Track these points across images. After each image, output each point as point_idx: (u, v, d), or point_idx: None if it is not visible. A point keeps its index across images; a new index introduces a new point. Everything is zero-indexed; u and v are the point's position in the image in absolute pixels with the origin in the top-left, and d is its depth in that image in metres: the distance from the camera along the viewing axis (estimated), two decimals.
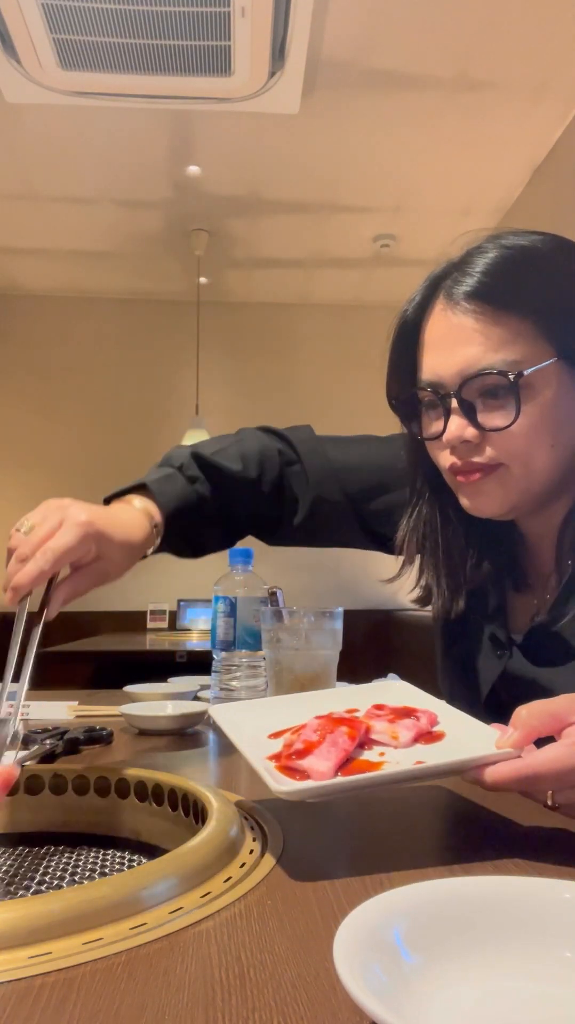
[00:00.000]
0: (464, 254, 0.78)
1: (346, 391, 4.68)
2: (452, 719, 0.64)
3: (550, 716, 0.54)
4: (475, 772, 0.53)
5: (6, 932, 0.40)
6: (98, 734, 0.91)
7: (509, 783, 0.52)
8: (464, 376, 0.74)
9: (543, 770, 0.52)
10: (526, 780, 0.52)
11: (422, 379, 0.79)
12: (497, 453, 0.75)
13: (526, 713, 0.55)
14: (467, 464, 0.76)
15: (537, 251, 0.77)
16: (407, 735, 0.61)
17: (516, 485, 0.76)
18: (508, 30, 2.56)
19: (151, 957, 0.40)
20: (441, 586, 0.86)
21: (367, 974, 0.32)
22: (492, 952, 0.37)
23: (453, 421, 0.75)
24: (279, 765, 0.57)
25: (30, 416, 4.68)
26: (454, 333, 0.75)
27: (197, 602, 4.38)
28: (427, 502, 0.87)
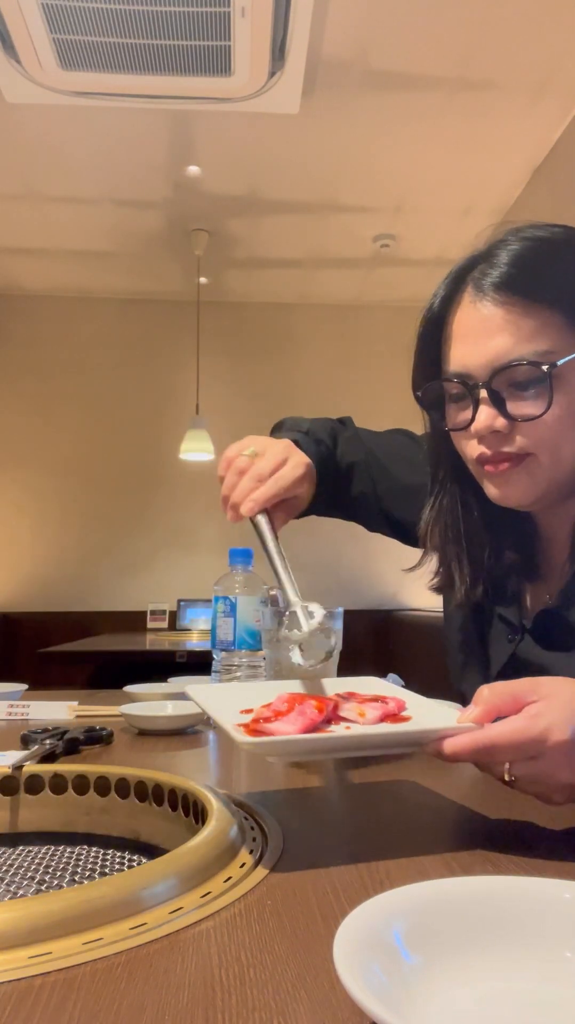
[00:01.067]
0: (489, 247, 0.79)
1: (346, 391, 4.68)
2: (420, 705, 0.66)
3: (511, 696, 0.56)
4: (435, 744, 0.55)
5: (6, 932, 0.40)
6: (98, 734, 0.91)
7: (467, 752, 0.54)
8: (494, 367, 0.75)
9: (500, 740, 0.53)
10: (483, 750, 0.54)
11: (450, 370, 0.80)
12: (527, 442, 0.76)
13: (488, 692, 0.57)
14: (497, 454, 0.77)
15: (559, 242, 0.78)
16: (374, 714, 0.63)
17: (544, 474, 0.77)
18: (508, 30, 2.56)
19: (151, 957, 0.40)
20: (463, 574, 0.87)
21: (367, 974, 0.32)
22: (492, 952, 0.37)
23: (482, 411, 0.76)
24: (247, 729, 0.59)
25: (30, 416, 4.68)
26: (484, 324, 0.76)
27: (197, 602, 4.38)
28: (449, 493, 0.88)
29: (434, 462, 0.90)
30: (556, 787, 0.55)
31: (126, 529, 4.66)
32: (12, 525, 4.62)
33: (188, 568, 4.57)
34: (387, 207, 3.76)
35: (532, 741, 0.53)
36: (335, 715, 0.63)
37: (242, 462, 0.89)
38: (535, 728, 0.53)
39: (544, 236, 0.78)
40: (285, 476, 0.87)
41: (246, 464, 0.89)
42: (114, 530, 4.66)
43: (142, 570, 4.64)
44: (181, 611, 4.40)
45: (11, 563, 4.62)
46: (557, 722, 0.53)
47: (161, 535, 4.65)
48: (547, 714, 0.53)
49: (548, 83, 2.82)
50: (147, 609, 4.42)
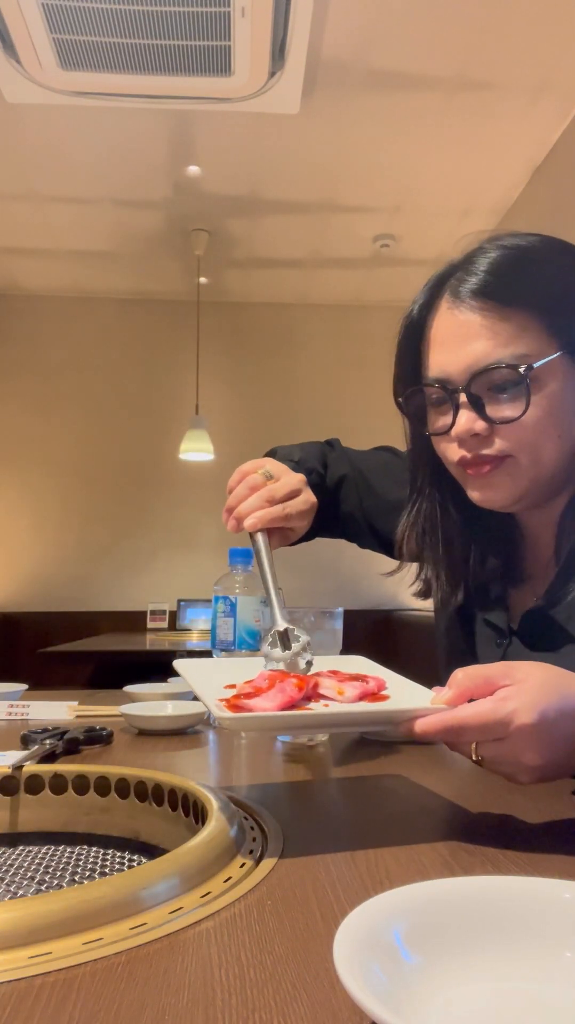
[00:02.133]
0: (466, 255, 0.81)
1: (346, 391, 4.68)
2: (400, 685, 0.68)
3: (484, 679, 0.58)
4: (407, 724, 0.57)
5: (6, 932, 0.40)
6: (98, 734, 0.91)
7: (436, 732, 0.56)
8: (473, 371, 0.76)
9: (469, 721, 0.55)
10: (452, 730, 0.56)
11: (429, 376, 0.81)
12: (506, 445, 0.77)
13: (462, 675, 0.58)
14: (477, 457, 0.78)
15: (536, 250, 0.80)
16: (353, 692, 0.65)
17: (525, 475, 0.79)
18: (508, 30, 2.56)
19: (151, 957, 0.40)
20: (441, 579, 0.89)
21: (367, 974, 0.32)
22: (492, 952, 0.37)
23: (462, 415, 0.78)
24: (227, 704, 0.60)
25: (30, 416, 4.68)
26: (462, 330, 0.77)
27: (197, 602, 4.38)
28: (427, 498, 0.90)
29: (413, 468, 0.91)
30: (521, 768, 0.57)
31: (126, 529, 4.66)
32: (12, 525, 4.62)
33: (188, 568, 4.57)
34: (387, 207, 3.76)
35: (498, 723, 0.55)
36: (315, 693, 0.65)
37: (256, 479, 0.90)
38: (502, 711, 0.55)
39: (522, 244, 0.80)
40: (294, 506, 0.89)
41: (259, 482, 0.90)
42: (114, 530, 4.66)
43: (142, 570, 4.64)
44: (181, 611, 4.40)
45: (11, 563, 4.62)
46: (524, 706, 0.55)
47: (161, 535, 4.66)
48: (515, 698, 0.55)
49: (548, 83, 2.82)
50: (147, 609, 4.42)
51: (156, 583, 4.60)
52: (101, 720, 1.05)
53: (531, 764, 0.56)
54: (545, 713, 0.54)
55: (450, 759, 0.82)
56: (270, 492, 0.89)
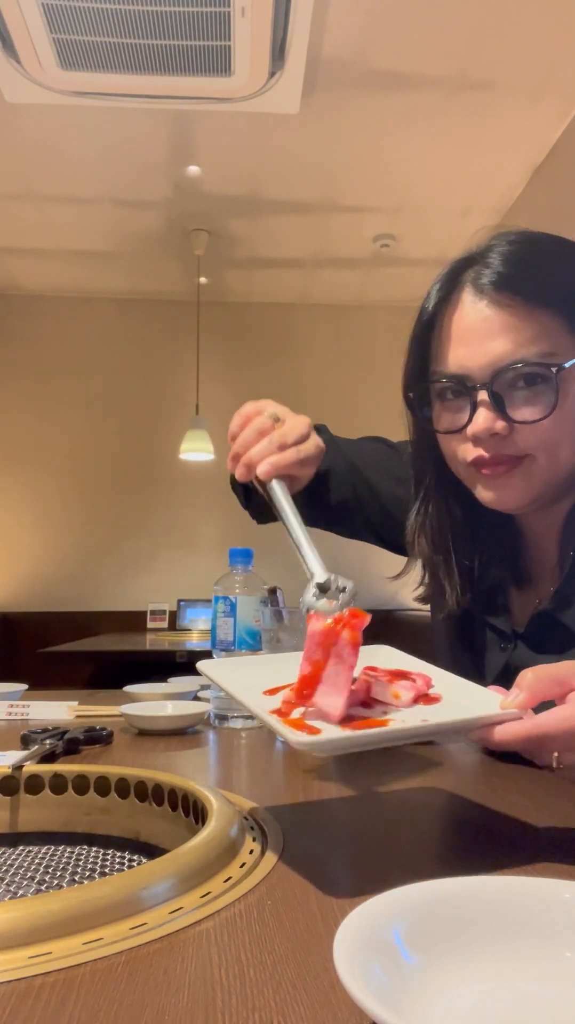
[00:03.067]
0: (482, 248, 0.79)
1: (346, 391, 4.68)
2: (446, 682, 0.64)
3: (554, 681, 0.55)
4: (483, 731, 0.54)
5: (6, 932, 0.40)
6: (98, 734, 0.91)
7: (518, 742, 0.53)
8: (496, 368, 0.74)
9: (553, 730, 0.52)
10: (536, 739, 0.52)
11: (446, 371, 0.78)
12: (527, 444, 0.75)
13: (532, 676, 0.55)
14: (495, 456, 0.76)
15: (549, 246, 0.79)
16: (408, 695, 0.61)
17: (541, 476, 0.77)
18: (508, 30, 2.56)
19: (151, 957, 0.40)
20: (452, 580, 0.86)
21: (367, 974, 0.32)
22: (492, 952, 0.37)
23: (481, 413, 0.75)
24: (286, 720, 0.55)
25: (30, 416, 4.68)
26: (484, 325, 0.75)
27: (197, 602, 4.38)
28: (435, 498, 0.87)
29: (419, 467, 0.88)
30: None
31: (126, 529, 4.66)
32: (12, 525, 4.62)
33: (188, 568, 4.57)
34: (387, 207, 3.76)
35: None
36: (370, 698, 0.60)
37: (263, 422, 0.85)
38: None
39: (534, 238, 0.79)
40: (306, 449, 0.84)
41: (267, 426, 0.85)
42: (114, 530, 4.66)
43: (142, 570, 4.64)
44: (181, 611, 4.40)
45: (11, 563, 4.61)
46: None
47: (161, 535, 4.66)
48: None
49: (548, 83, 2.82)
50: (147, 609, 4.42)
51: (156, 583, 4.60)
52: (101, 720, 1.05)
53: None
54: None
55: (450, 759, 0.82)
56: (282, 436, 0.83)
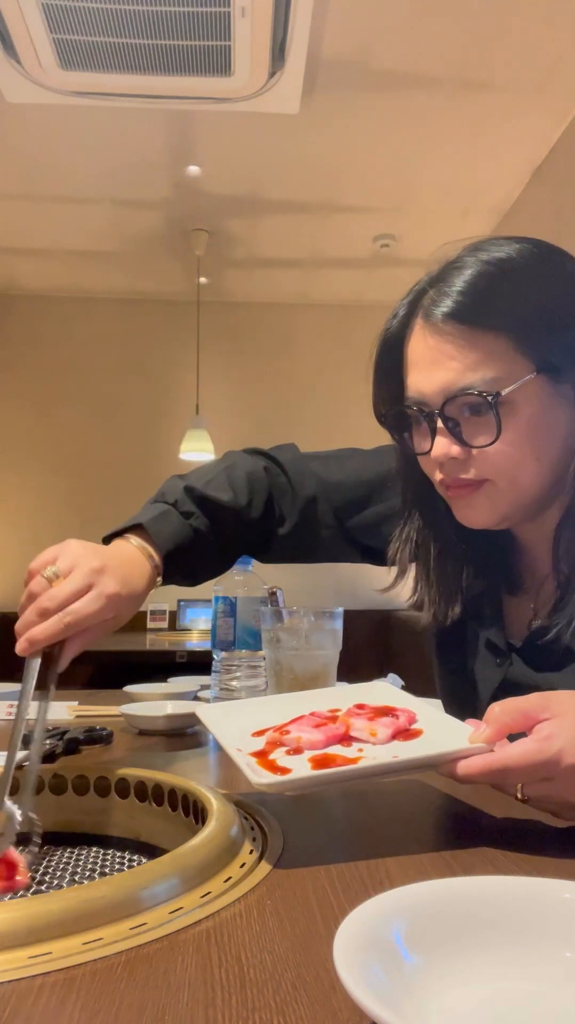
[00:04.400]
0: (442, 269, 0.78)
1: (345, 391, 4.67)
2: (430, 718, 0.66)
3: (521, 713, 0.56)
4: (450, 766, 0.56)
5: (6, 932, 0.40)
6: (98, 734, 0.91)
7: (481, 776, 0.54)
8: (446, 395, 0.75)
9: (513, 763, 0.54)
10: (497, 773, 0.54)
11: (408, 396, 0.80)
12: (482, 470, 0.76)
13: (499, 710, 0.57)
14: (454, 480, 0.77)
15: (515, 263, 0.76)
16: (385, 732, 0.63)
17: (503, 499, 0.77)
18: (508, 30, 2.56)
19: (151, 957, 0.40)
20: (434, 594, 0.87)
21: (367, 974, 0.32)
22: (492, 952, 0.37)
23: (438, 440, 0.76)
24: (261, 761, 0.59)
25: (30, 416, 4.68)
26: (432, 354, 0.76)
27: (197, 602, 4.38)
28: (419, 512, 0.88)
29: (404, 483, 0.89)
30: (568, 805, 0.56)
31: None
32: (12, 524, 4.62)
33: None
34: (387, 207, 3.76)
35: (545, 764, 0.53)
36: (347, 736, 0.64)
37: (37, 585, 0.76)
38: (548, 751, 0.53)
39: (501, 257, 0.76)
40: (77, 611, 0.73)
41: (40, 588, 0.75)
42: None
43: None
44: (181, 611, 4.40)
45: (11, 563, 4.61)
46: (570, 743, 0.53)
47: None
48: (560, 735, 0.53)
49: (548, 83, 2.82)
50: (147, 609, 4.42)
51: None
52: (101, 720, 1.05)
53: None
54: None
55: None
56: (42, 605, 0.73)
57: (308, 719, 0.66)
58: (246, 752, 0.61)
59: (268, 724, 0.66)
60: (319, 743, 0.62)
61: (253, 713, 0.70)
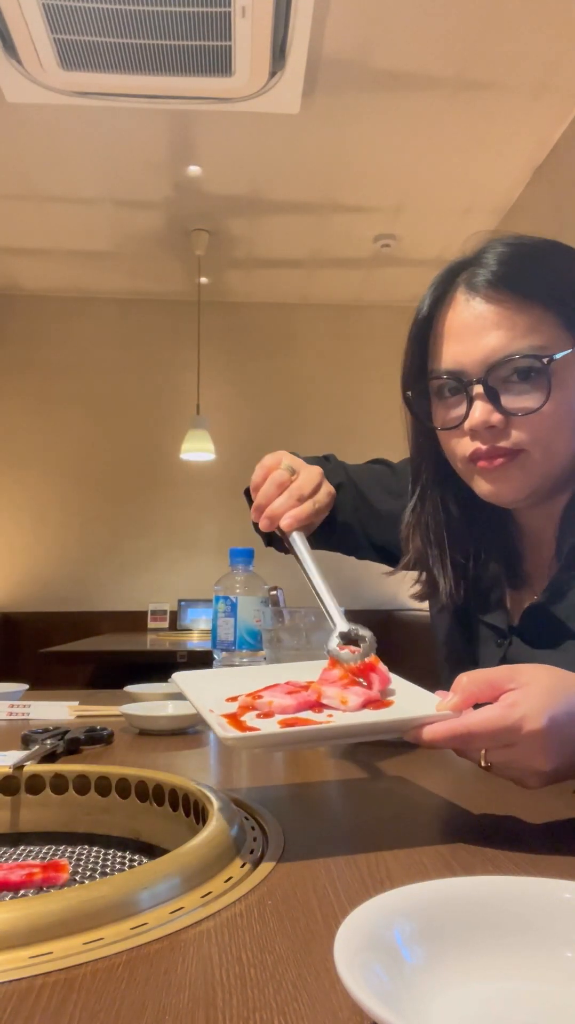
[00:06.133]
0: (479, 250, 0.81)
1: (346, 391, 4.68)
2: (403, 688, 0.67)
3: (488, 684, 0.57)
4: (416, 731, 0.57)
5: (7, 932, 0.40)
6: (99, 734, 0.91)
7: (445, 740, 0.56)
8: (490, 362, 0.76)
9: (476, 729, 0.55)
10: (460, 738, 0.55)
11: (442, 368, 0.80)
12: (521, 437, 0.77)
13: (466, 680, 0.58)
14: (491, 449, 0.78)
15: (544, 248, 0.80)
16: (356, 700, 0.64)
17: (537, 469, 0.78)
18: (508, 30, 2.56)
19: (152, 957, 0.40)
20: (446, 575, 0.88)
21: (368, 974, 0.32)
22: (493, 952, 0.37)
23: (477, 407, 0.77)
24: (231, 721, 0.60)
25: (30, 416, 4.68)
26: (478, 322, 0.77)
27: (198, 602, 4.38)
28: (431, 496, 0.89)
29: (416, 465, 0.91)
30: (531, 773, 0.57)
31: (127, 529, 4.66)
32: (13, 525, 4.62)
33: (189, 568, 4.57)
34: (388, 207, 3.76)
35: (507, 730, 0.54)
36: (317, 703, 0.64)
37: (282, 475, 0.90)
38: (510, 717, 0.54)
39: (528, 241, 0.81)
40: (320, 501, 0.89)
41: (285, 479, 0.89)
42: (115, 530, 4.66)
43: (143, 570, 4.64)
44: (182, 611, 4.40)
45: (12, 563, 4.61)
46: (532, 711, 0.54)
47: (162, 535, 4.66)
48: (523, 703, 0.55)
49: (549, 82, 2.82)
50: (148, 609, 4.42)
51: (157, 583, 4.60)
52: (102, 720, 1.05)
53: (541, 769, 0.56)
54: (554, 717, 0.54)
55: (450, 760, 0.82)
56: (299, 489, 0.88)
57: (282, 687, 0.67)
58: (218, 714, 0.62)
59: (243, 691, 0.67)
60: (290, 708, 0.63)
61: (230, 681, 0.72)
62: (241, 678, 0.72)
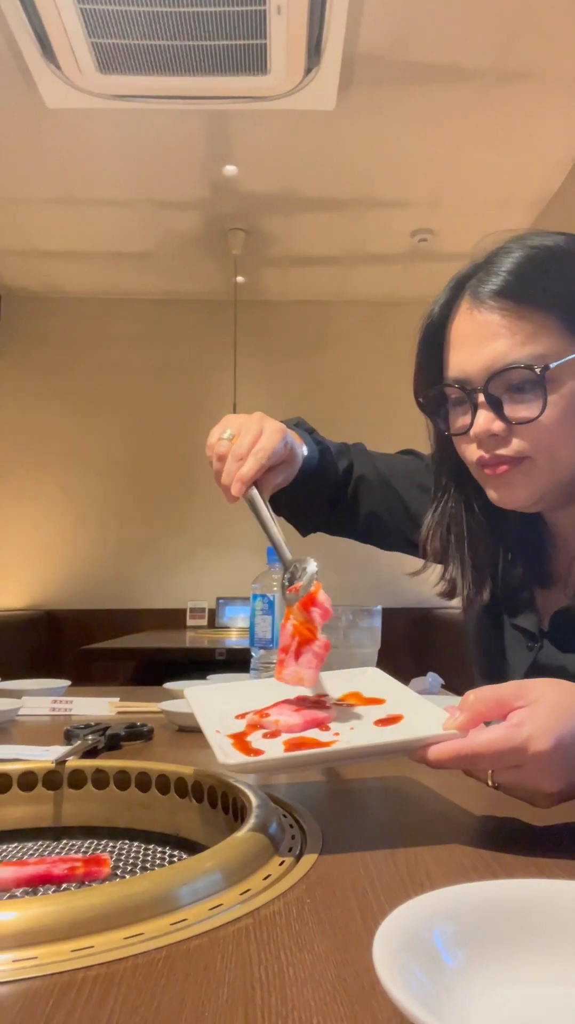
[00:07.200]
0: (489, 255, 0.81)
1: (383, 388, 4.65)
2: (413, 705, 0.67)
3: (495, 701, 0.56)
4: (422, 752, 0.56)
5: (50, 925, 0.41)
6: (139, 730, 0.92)
7: (450, 761, 0.55)
8: (491, 371, 0.76)
9: (482, 749, 0.54)
10: (466, 759, 0.54)
11: (449, 376, 0.81)
12: (523, 445, 0.77)
13: (473, 698, 0.57)
14: (494, 457, 0.78)
15: (562, 250, 0.79)
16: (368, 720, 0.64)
17: (542, 477, 0.78)
18: (548, 19, 2.51)
19: (191, 953, 0.40)
20: (466, 579, 0.88)
21: (407, 976, 0.31)
22: (535, 957, 0.36)
23: (480, 415, 0.77)
24: (236, 742, 0.60)
25: (70, 416, 4.75)
26: (480, 330, 0.77)
27: (236, 600, 4.40)
28: (452, 497, 0.89)
29: (437, 467, 0.91)
30: (539, 794, 0.56)
31: (165, 527, 4.70)
32: (54, 525, 4.70)
33: (226, 566, 4.59)
34: (425, 201, 3.72)
35: (513, 751, 0.53)
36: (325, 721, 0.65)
37: (222, 447, 0.89)
38: (517, 738, 0.53)
39: (547, 244, 0.79)
40: (264, 447, 0.87)
41: (223, 449, 0.89)
42: (153, 529, 4.70)
43: (181, 568, 4.68)
44: (220, 609, 4.42)
45: (54, 562, 4.69)
46: (539, 731, 0.53)
47: (199, 533, 4.69)
48: (530, 722, 0.53)
49: None
50: (186, 607, 4.45)
51: (195, 581, 4.63)
52: (142, 716, 1.06)
53: (548, 790, 0.55)
54: (561, 738, 0.52)
55: None
56: (238, 451, 0.87)
57: (289, 703, 0.67)
58: (224, 734, 0.62)
59: (252, 707, 0.67)
60: (296, 726, 0.62)
61: (240, 696, 0.72)
62: (251, 693, 0.72)
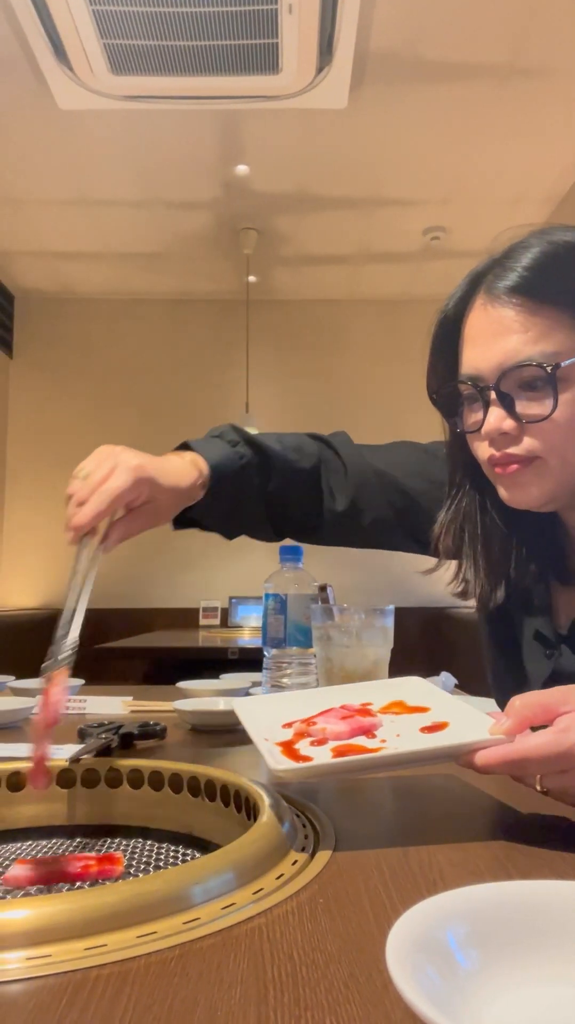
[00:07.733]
0: (507, 249, 0.79)
1: (396, 386, 4.64)
2: (456, 711, 0.67)
3: (542, 707, 0.56)
4: (468, 757, 0.56)
5: (63, 923, 0.41)
6: (152, 729, 0.92)
7: (498, 766, 0.55)
8: (503, 369, 0.75)
9: (531, 754, 0.54)
10: (514, 764, 0.55)
11: (462, 373, 0.80)
12: (534, 444, 0.76)
13: (519, 703, 0.57)
14: (505, 456, 0.77)
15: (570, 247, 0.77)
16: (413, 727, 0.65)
17: (553, 476, 0.77)
18: (558, 15, 2.49)
19: (204, 952, 0.40)
20: (479, 577, 0.87)
21: (420, 977, 0.31)
22: (550, 958, 0.36)
23: (492, 413, 0.76)
24: (285, 750, 0.61)
25: (83, 417, 4.77)
26: (494, 327, 0.76)
27: (248, 599, 4.40)
28: (466, 495, 0.88)
29: (451, 464, 0.89)
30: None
31: None
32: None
33: (239, 565, 4.60)
34: (437, 199, 3.71)
35: (560, 756, 0.53)
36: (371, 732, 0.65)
37: (73, 487, 0.83)
38: (565, 742, 0.53)
39: (567, 239, 0.77)
40: (108, 488, 0.81)
41: (76, 487, 0.83)
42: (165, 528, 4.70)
43: (194, 567, 4.69)
44: (233, 608, 4.43)
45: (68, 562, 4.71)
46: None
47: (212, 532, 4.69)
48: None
49: None
50: (199, 606, 4.46)
51: (208, 580, 4.64)
52: (155, 715, 1.06)
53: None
54: None
55: None
56: (79, 496, 0.81)
57: (336, 711, 0.67)
58: (272, 742, 0.63)
59: (299, 716, 0.68)
60: (344, 734, 0.63)
61: (286, 706, 0.73)
62: (297, 702, 0.73)
